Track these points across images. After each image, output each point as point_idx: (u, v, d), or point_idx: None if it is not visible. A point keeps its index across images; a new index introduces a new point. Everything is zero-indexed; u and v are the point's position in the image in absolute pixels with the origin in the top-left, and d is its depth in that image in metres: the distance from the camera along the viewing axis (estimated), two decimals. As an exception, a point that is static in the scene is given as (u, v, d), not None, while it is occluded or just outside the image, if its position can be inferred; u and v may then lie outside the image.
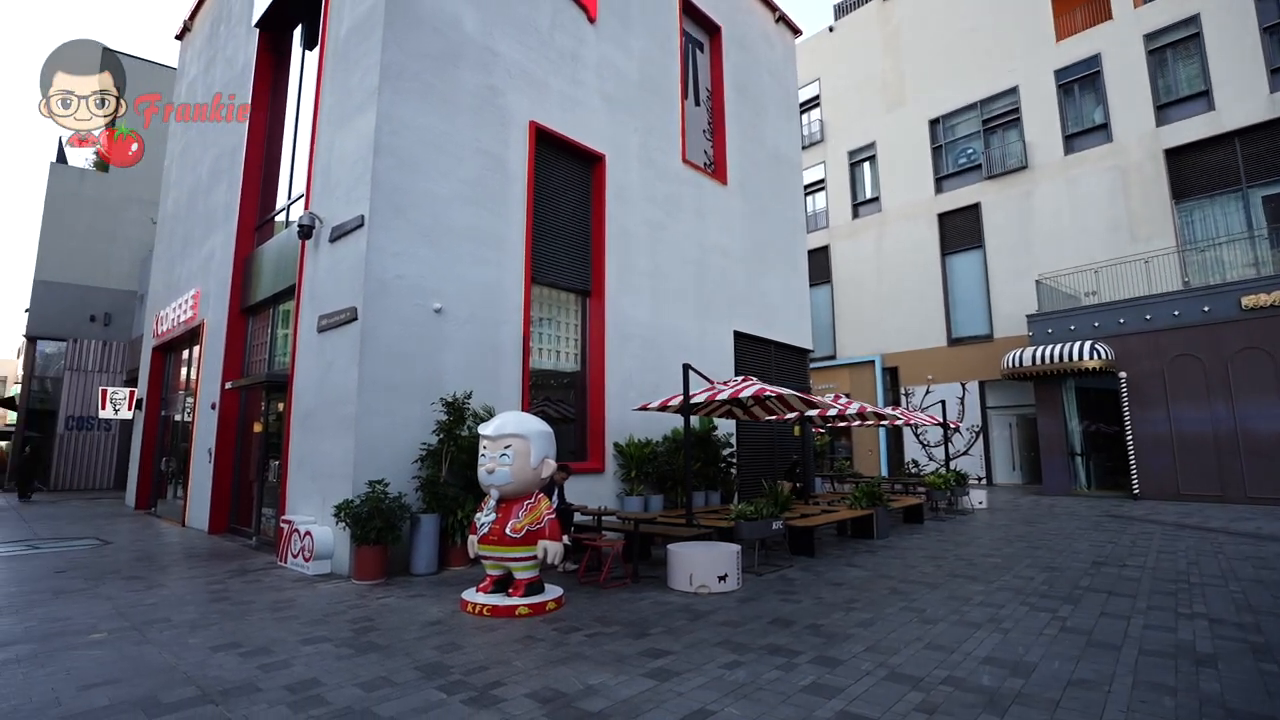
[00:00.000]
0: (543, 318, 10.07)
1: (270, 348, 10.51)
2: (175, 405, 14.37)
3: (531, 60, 9.86)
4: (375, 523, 6.86)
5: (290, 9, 11.42)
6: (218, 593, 6.51)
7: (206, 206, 13.16)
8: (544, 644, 4.83)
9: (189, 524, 11.53)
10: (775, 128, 15.65)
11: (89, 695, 3.84)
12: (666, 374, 10.99)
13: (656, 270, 11.57)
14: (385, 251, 7.81)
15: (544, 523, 5.94)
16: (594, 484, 9.81)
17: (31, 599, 6.24)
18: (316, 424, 8.13)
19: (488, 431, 6.06)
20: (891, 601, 5.99)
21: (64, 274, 21.99)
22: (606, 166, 10.85)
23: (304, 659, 4.48)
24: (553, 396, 10.04)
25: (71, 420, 20.71)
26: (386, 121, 8.03)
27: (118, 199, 22.88)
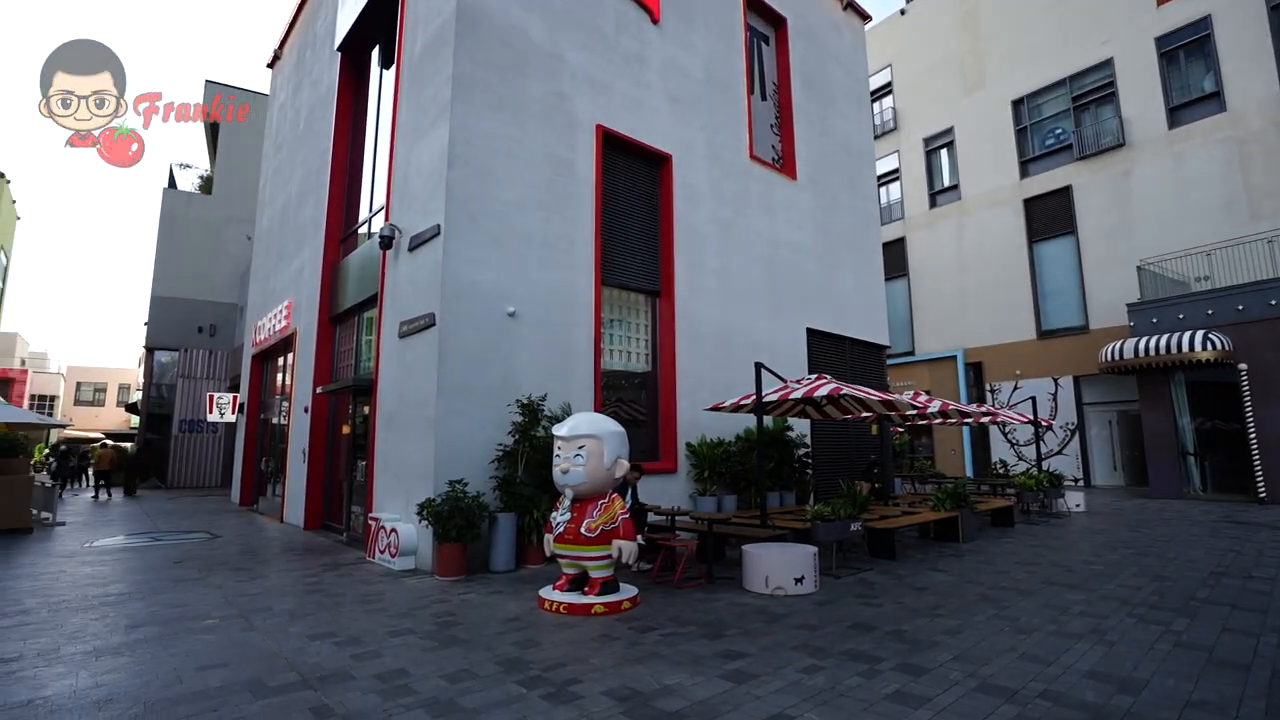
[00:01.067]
0: (613, 319, 10.15)
1: (356, 353, 11.06)
2: (273, 409, 15.34)
3: (597, 65, 9.96)
4: (455, 521, 7.09)
5: (369, 31, 12.00)
6: (313, 585, 6.90)
7: (297, 222, 14.00)
8: (620, 642, 4.85)
9: (286, 520, 12.29)
10: (845, 118, 15.20)
11: (205, 676, 4.15)
12: (738, 373, 10.86)
13: (726, 268, 11.46)
14: (460, 258, 8.07)
15: (618, 522, 5.97)
16: (667, 484, 9.81)
17: (155, 586, 6.81)
18: (399, 426, 8.49)
19: (562, 432, 6.15)
20: (981, 609, 5.69)
21: (175, 289, 23.91)
22: (673, 166, 10.83)
23: (392, 650, 4.67)
24: (624, 397, 10.11)
25: (184, 423, 22.48)
26: (459, 133, 8.30)
27: (219, 219, 24.69)
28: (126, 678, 4.14)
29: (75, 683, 4.05)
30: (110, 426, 38.47)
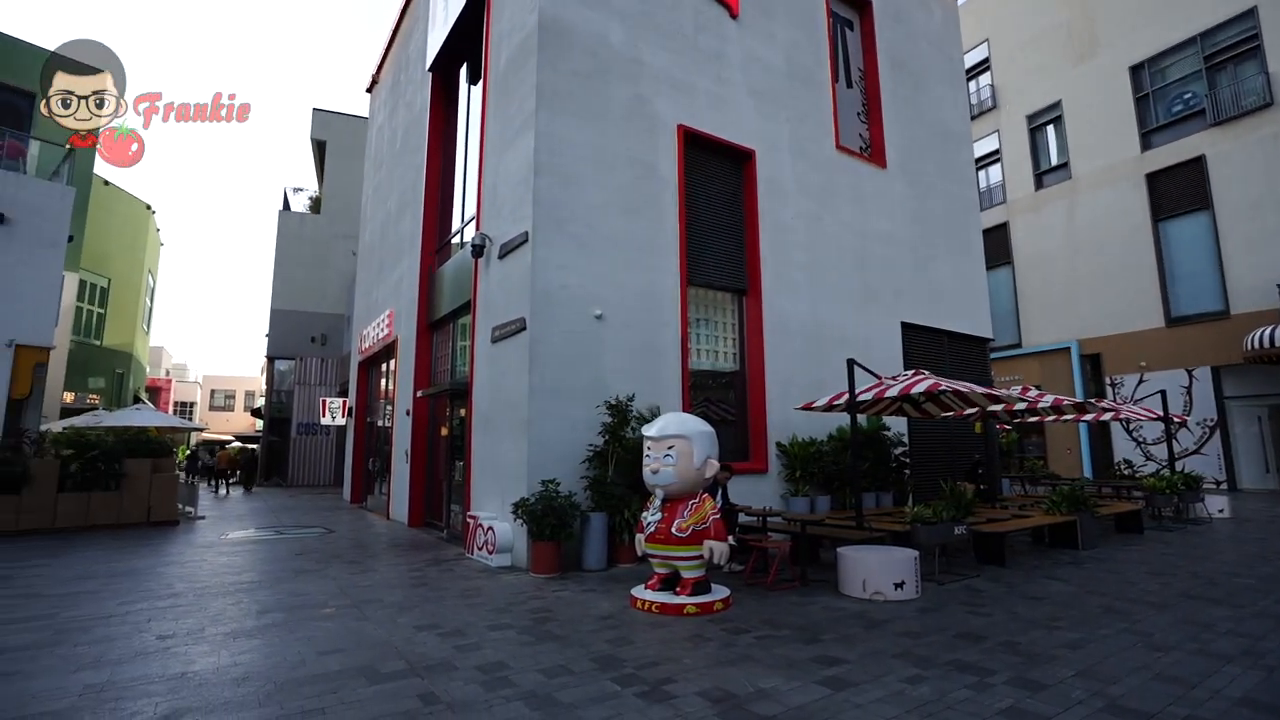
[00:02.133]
0: (699, 318, 10.11)
1: (452, 358, 11.58)
2: (378, 412, 16.32)
3: (677, 65, 9.95)
4: (549, 520, 7.27)
5: (457, 50, 12.55)
6: (418, 579, 7.27)
7: (396, 236, 14.83)
8: (713, 644, 4.81)
9: (392, 517, 13.03)
10: (939, 100, 14.44)
11: (324, 660, 4.46)
12: (829, 370, 10.55)
13: (814, 263, 11.15)
14: (548, 264, 8.28)
15: (709, 522, 5.93)
16: (757, 484, 9.65)
17: (280, 576, 7.40)
18: (494, 427, 8.81)
19: (651, 432, 6.18)
20: (1106, 622, 5.23)
21: (291, 303, 25.91)
22: (756, 162, 10.66)
23: (492, 643, 4.84)
24: (713, 397, 10.04)
25: (301, 426, 24.32)
26: (544, 140, 8.51)
27: (327, 236, 26.53)
28: (259, 658, 4.52)
29: (217, 660, 4.46)
30: (239, 429, 42.20)
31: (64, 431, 12.95)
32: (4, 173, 13.73)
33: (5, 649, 4.73)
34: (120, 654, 4.60)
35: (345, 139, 26.35)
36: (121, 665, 4.37)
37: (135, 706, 3.67)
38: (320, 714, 3.56)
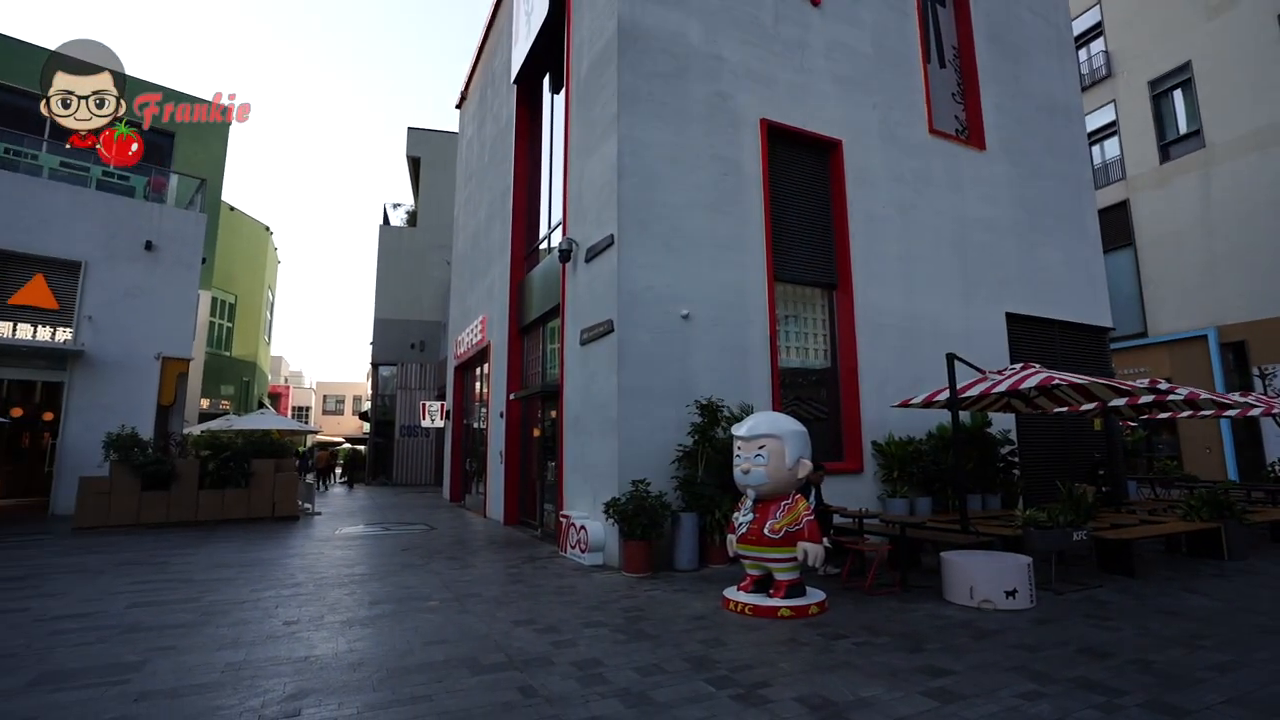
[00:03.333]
0: (788, 315, 9.89)
1: (543, 361, 11.89)
2: (473, 415, 17.01)
3: (757, 58, 9.79)
4: (640, 520, 7.33)
5: (540, 62, 12.89)
6: (514, 575, 7.51)
7: (486, 244, 15.41)
8: (809, 648, 4.69)
9: (489, 515, 13.54)
10: (1044, 73, 13.44)
11: (430, 650, 4.68)
12: (927, 366, 10.05)
13: (908, 254, 10.66)
14: (634, 265, 8.35)
15: (802, 524, 5.78)
16: (852, 485, 9.33)
17: (388, 570, 7.85)
18: (584, 428, 8.97)
19: (741, 432, 6.10)
20: (1264, 643, 4.68)
21: (392, 312, 27.48)
22: (844, 151, 10.31)
23: (586, 640, 4.93)
24: (803, 395, 9.79)
25: (403, 428, 25.73)
26: (626, 144, 8.60)
27: (423, 247, 27.95)
28: (372, 646, 4.81)
29: (335, 646, 4.78)
30: (348, 432, 45.21)
31: (201, 435, 14.33)
32: (151, 205, 15.41)
33: (166, 626, 5.29)
34: (254, 636, 5.03)
35: (438, 154, 27.69)
36: (255, 646, 4.77)
37: (268, 685, 4.00)
38: (428, 700, 3.74)
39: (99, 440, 11.78)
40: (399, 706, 3.67)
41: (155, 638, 4.98)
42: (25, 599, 6.25)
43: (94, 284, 13.89)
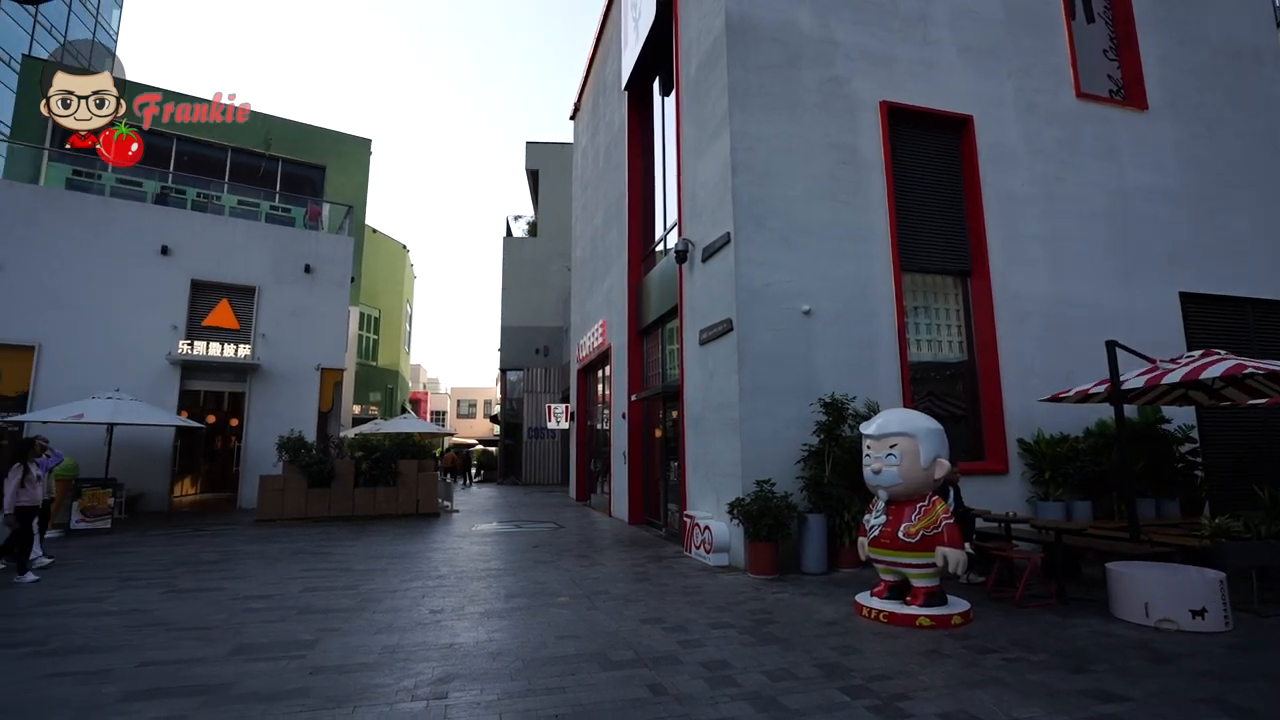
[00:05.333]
0: (917, 306, 9.32)
1: (663, 362, 11.98)
2: (596, 416, 17.46)
3: (873, 38, 9.31)
4: (765, 520, 7.18)
5: (649, 66, 13.02)
6: (640, 574, 7.60)
7: (604, 249, 15.78)
8: (953, 661, 4.38)
9: (614, 514, 13.83)
10: (1224, 12, 11.71)
11: (563, 644, 4.84)
12: (1081, 356, 9.09)
13: (1054, 233, 9.69)
14: (751, 262, 8.21)
15: (941, 527, 5.42)
16: (995, 486, 8.61)
17: (521, 565, 8.23)
18: (706, 428, 8.93)
19: (870, 430, 5.81)
20: None
21: (517, 319, 28.86)
22: (975, 127, 9.56)
23: (714, 641, 4.89)
24: (937, 391, 9.18)
25: (531, 430, 26.93)
26: (739, 140, 8.47)
27: (544, 255, 29.13)
28: (509, 637, 5.05)
29: (476, 636, 5.07)
30: (480, 434, 47.99)
31: (355, 437, 15.78)
32: (309, 232, 17.26)
33: (332, 609, 5.87)
34: (405, 623, 5.45)
35: (555, 165, 28.76)
36: (407, 632, 5.16)
37: (419, 668, 4.31)
38: (561, 692, 3.87)
39: (273, 443, 13.31)
40: (534, 696, 3.82)
41: (324, 619, 5.53)
42: (222, 580, 7.18)
43: (266, 305, 15.73)
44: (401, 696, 3.83)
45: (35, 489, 7.39)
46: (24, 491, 7.27)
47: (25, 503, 7.27)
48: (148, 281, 14.52)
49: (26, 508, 7.28)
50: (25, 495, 7.27)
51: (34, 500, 7.36)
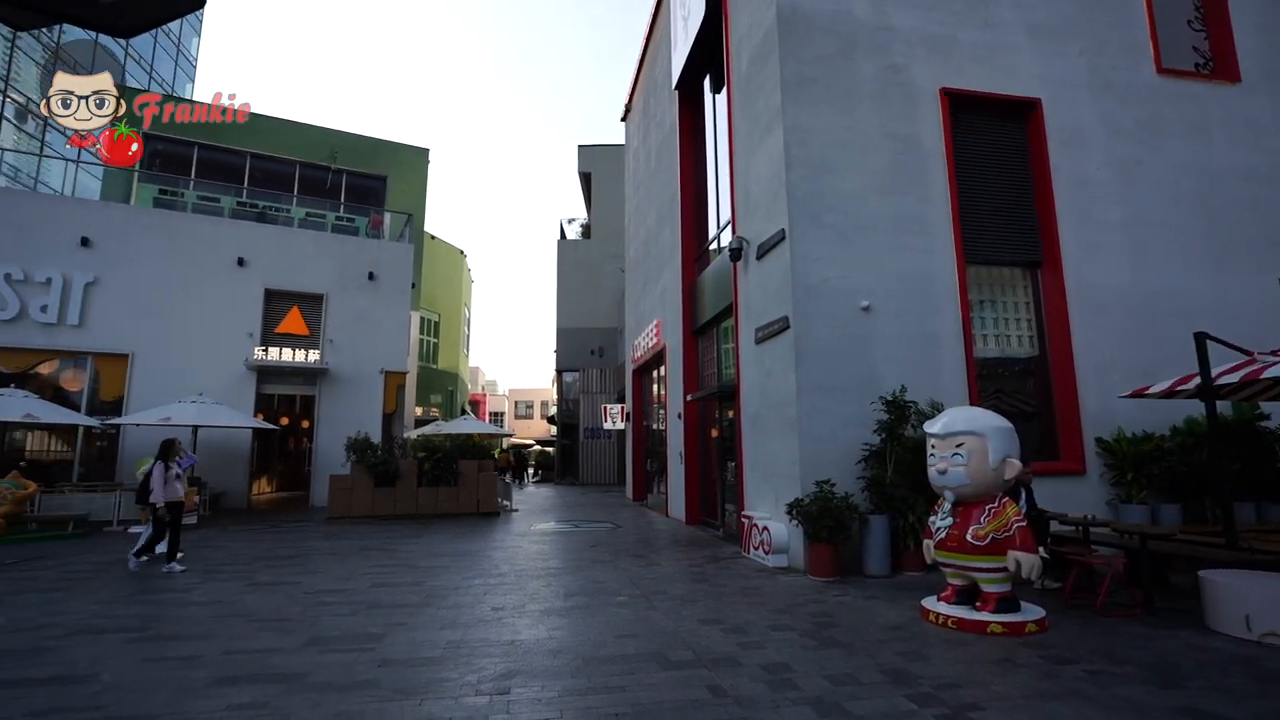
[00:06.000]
0: (983, 300, 8.96)
1: (718, 361, 11.90)
2: (652, 416, 17.48)
3: (932, 22, 9.00)
4: (825, 521, 7.03)
5: (699, 64, 12.96)
6: (698, 574, 7.56)
7: (657, 249, 15.79)
8: (1027, 671, 4.18)
9: (670, 514, 13.81)
10: (1322, -22, 10.81)
11: (622, 643, 4.86)
12: (1165, 348, 8.54)
13: (1135, 219, 9.14)
14: (808, 259, 8.06)
15: (1012, 530, 5.18)
16: (1071, 488, 8.19)
17: (579, 564, 8.30)
18: (763, 427, 8.82)
19: (935, 429, 5.62)
20: None
21: (572, 321, 29.20)
22: (1044, 111, 9.11)
23: (774, 643, 4.81)
24: (1005, 387, 8.79)
25: (587, 430, 27.17)
26: (792, 134, 8.33)
27: (598, 257, 29.37)
28: (568, 635, 5.10)
29: (537, 633, 5.14)
30: (538, 434, 48.79)
31: (417, 438, 16.28)
32: (372, 241, 17.93)
33: (398, 604, 6.06)
34: (468, 619, 5.58)
35: (607, 167, 28.96)
36: (469, 628, 5.28)
37: (482, 664, 4.41)
38: (621, 691, 3.88)
39: (341, 444, 13.86)
40: (595, 694, 3.84)
41: (391, 614, 5.71)
42: (297, 575, 7.52)
43: (333, 311, 16.41)
44: (466, 691, 3.92)
45: (175, 486, 8.14)
46: (166, 488, 8.01)
47: (171, 498, 8.02)
48: (226, 291, 15.37)
49: (170, 503, 8.03)
50: (168, 491, 8.02)
51: (175, 496, 8.10)
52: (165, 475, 8.04)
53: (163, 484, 7.99)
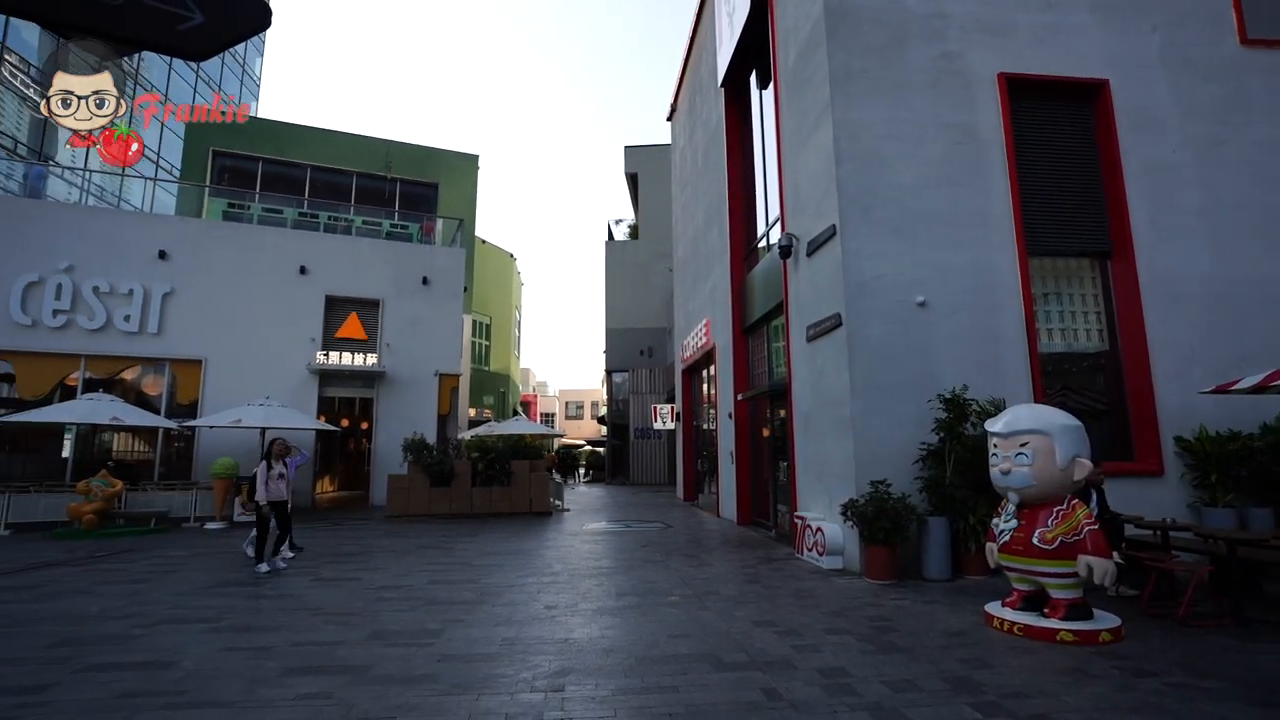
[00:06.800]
0: (1047, 293, 8.58)
1: (769, 360, 11.75)
2: (702, 416, 17.41)
3: (989, 6, 8.69)
4: (882, 523, 6.86)
5: (745, 60, 12.82)
6: (750, 575, 7.48)
7: (705, 249, 15.71)
8: (1102, 682, 3.98)
9: (722, 514, 13.71)
10: None
11: (674, 643, 4.85)
12: (1253, 341, 8.03)
13: (1216, 204, 8.59)
14: (860, 255, 7.88)
15: (1083, 533, 4.95)
16: (1148, 489, 7.76)
17: (630, 564, 8.33)
18: (816, 427, 8.66)
19: (997, 428, 5.41)
20: None
21: (621, 321, 29.34)
22: (1112, 92, 8.66)
23: (830, 647, 4.72)
24: (1072, 384, 8.39)
25: (637, 430, 27.25)
26: (842, 128, 8.16)
27: (646, 257, 29.43)
28: (620, 634, 5.12)
29: (589, 632, 5.18)
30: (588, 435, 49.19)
31: (471, 439, 16.64)
32: (425, 247, 18.43)
33: (455, 601, 6.21)
34: (522, 617, 5.66)
35: (653, 168, 28.99)
36: (524, 626, 5.36)
37: (537, 660, 4.47)
38: (674, 691, 3.87)
39: (399, 444, 14.29)
40: (648, 694, 3.84)
41: (448, 610, 5.86)
42: (359, 571, 7.79)
43: (389, 316, 16.93)
44: (521, 687, 3.98)
45: (278, 485, 8.14)
46: (269, 488, 8.04)
47: (273, 497, 8.07)
48: (289, 299, 16.05)
49: (274, 502, 8.09)
50: (272, 490, 8.06)
51: (280, 496, 8.14)
52: (267, 475, 8.06)
53: (264, 483, 8.01)
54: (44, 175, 19.57)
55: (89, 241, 14.55)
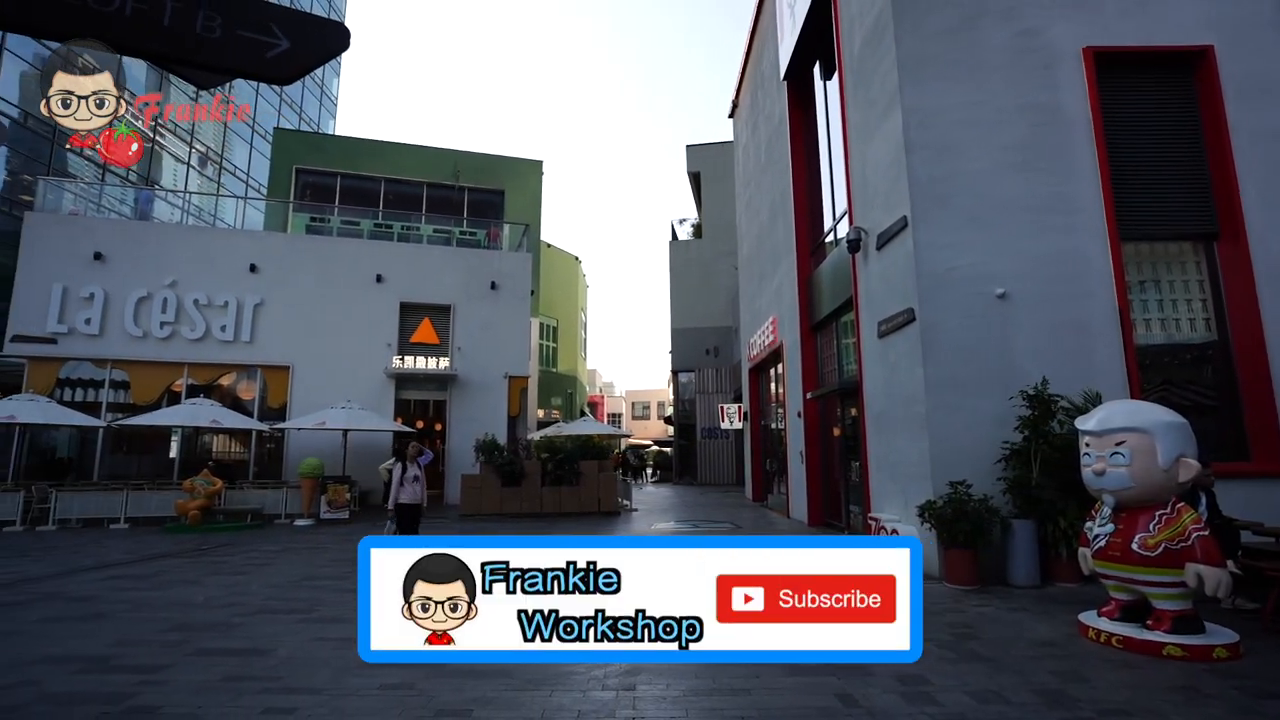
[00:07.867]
0: (1143, 280, 8.01)
1: (838, 358, 11.46)
2: (770, 415, 17.15)
3: (1073, -23, 8.17)
4: (961, 526, 6.58)
5: (808, 51, 12.55)
6: (824, 579, 7.31)
7: (771, 245, 15.48)
8: (1218, 702, 3.68)
9: (792, 515, 13.47)
10: None
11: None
12: (1388, 327, 7.23)
13: (1339, 177, 7.80)
14: (933, 246, 7.58)
15: (1190, 540, 4.58)
16: (1268, 493, 7.07)
17: (699, 566, 8.28)
18: (889, 425, 8.39)
19: (1089, 426, 5.08)
20: None
21: (686, 321, 29.28)
22: (1216, 58, 8.00)
23: (910, 654, 4.55)
24: (1174, 378, 7.80)
25: (704, 431, 27.11)
26: (912, 116, 7.88)
27: (710, 257, 29.25)
28: (692, 637, 5.09)
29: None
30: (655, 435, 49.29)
31: (540, 440, 16.98)
32: (492, 252, 18.96)
33: (524, 601, 6.33)
34: (593, 616, 5.72)
35: (716, 166, 28.78)
36: (595, 625, 5.42)
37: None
38: (746, 694, 3.83)
39: (470, 445, 14.74)
40: (719, 695, 3.82)
41: (522, 608, 5.98)
42: (436, 568, 8.06)
43: (460, 321, 17.51)
44: (593, 685, 4.03)
45: (413, 488, 8.07)
46: (403, 489, 8.02)
47: (405, 500, 8.04)
48: (367, 306, 16.85)
49: (406, 504, 8.06)
50: (405, 493, 8.03)
51: (413, 499, 8.08)
52: (402, 476, 7.99)
53: (398, 485, 7.97)
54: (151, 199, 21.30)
55: (189, 258, 15.75)
